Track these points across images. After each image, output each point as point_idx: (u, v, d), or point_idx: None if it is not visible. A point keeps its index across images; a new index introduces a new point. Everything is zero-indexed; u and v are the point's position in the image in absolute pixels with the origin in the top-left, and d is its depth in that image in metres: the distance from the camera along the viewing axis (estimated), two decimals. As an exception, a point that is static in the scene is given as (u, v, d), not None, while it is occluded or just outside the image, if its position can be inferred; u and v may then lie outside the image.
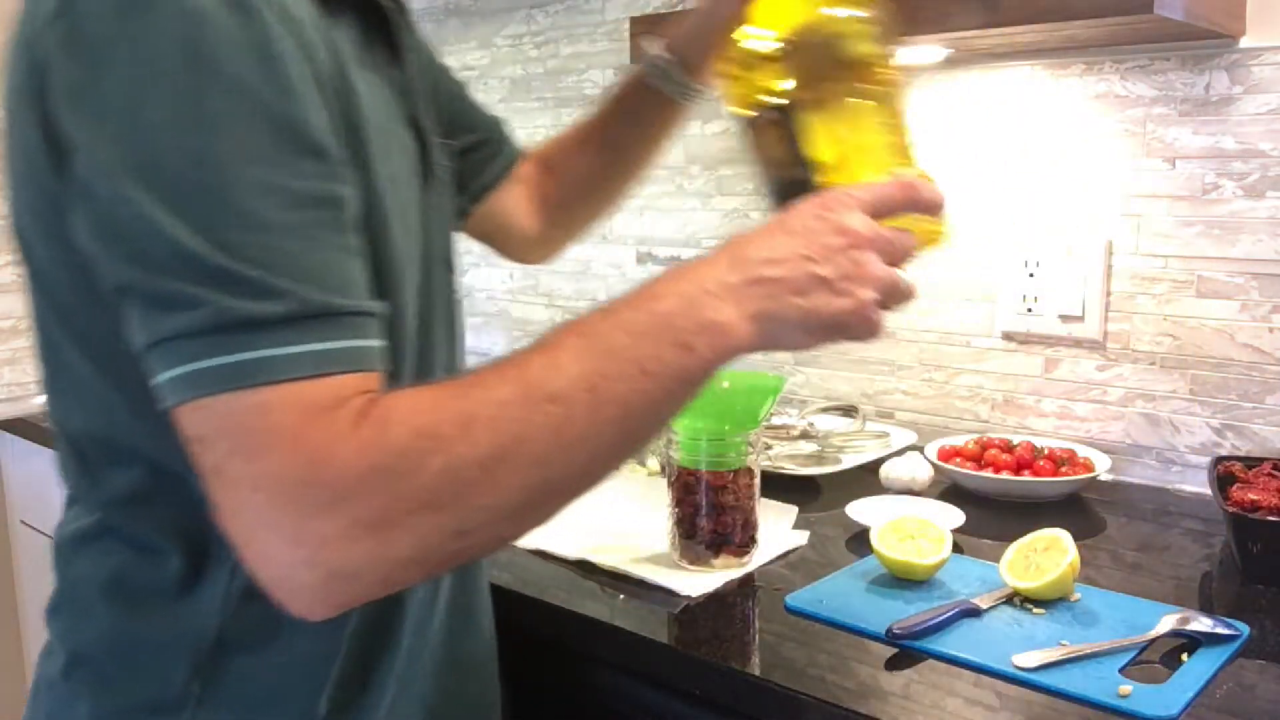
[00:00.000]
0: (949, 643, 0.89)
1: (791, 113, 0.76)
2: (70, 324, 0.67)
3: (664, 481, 1.08)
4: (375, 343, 0.62)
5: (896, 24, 0.78)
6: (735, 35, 0.80)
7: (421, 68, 0.83)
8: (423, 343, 0.76)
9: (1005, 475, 1.29)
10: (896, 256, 0.69)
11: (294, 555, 0.57)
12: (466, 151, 1.02)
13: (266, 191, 0.58)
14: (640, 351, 0.62)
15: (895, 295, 0.69)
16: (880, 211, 0.69)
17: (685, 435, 1.05)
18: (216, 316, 0.56)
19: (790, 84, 0.76)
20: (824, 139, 0.76)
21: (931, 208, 0.72)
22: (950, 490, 1.32)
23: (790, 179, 0.76)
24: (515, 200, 1.09)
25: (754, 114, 0.78)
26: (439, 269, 0.80)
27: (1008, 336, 1.48)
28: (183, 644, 0.70)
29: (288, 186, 0.59)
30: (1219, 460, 1.18)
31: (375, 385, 0.61)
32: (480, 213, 1.06)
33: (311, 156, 0.60)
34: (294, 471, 0.57)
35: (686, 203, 1.80)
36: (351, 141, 0.65)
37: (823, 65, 0.77)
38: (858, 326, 0.67)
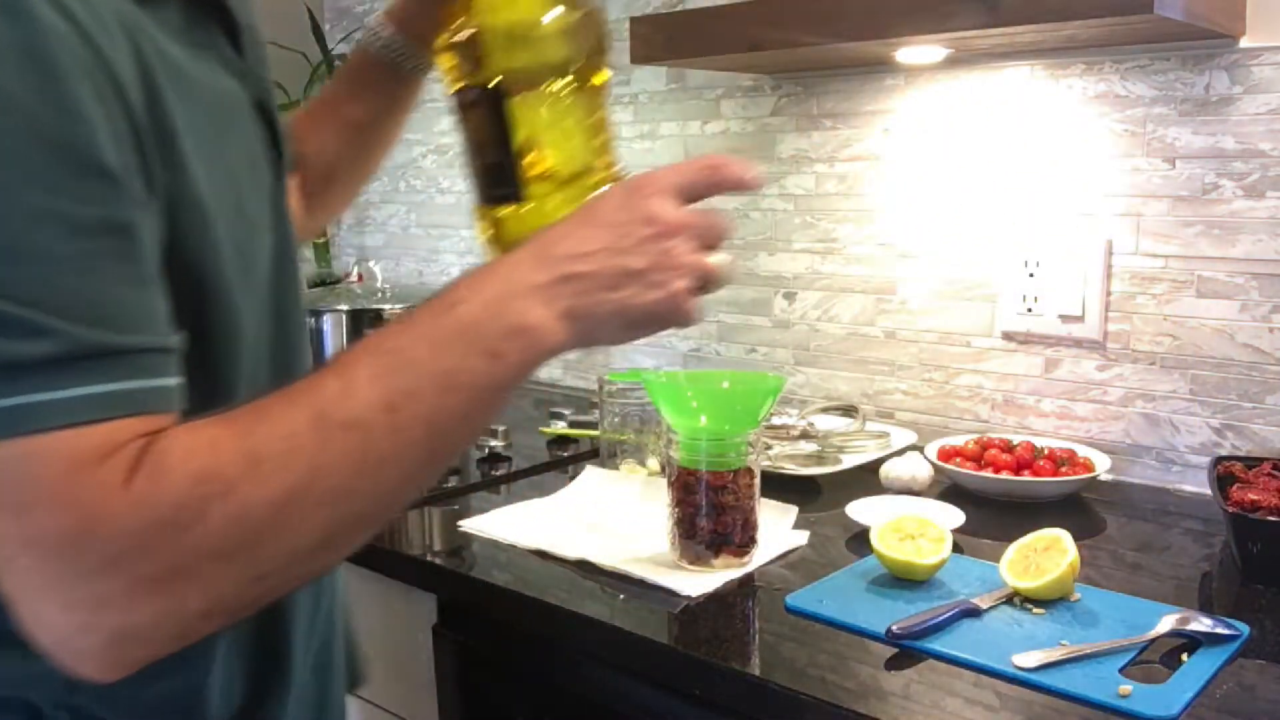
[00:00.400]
0: (949, 643, 0.89)
1: (494, 97, 0.77)
2: None
3: (664, 481, 1.08)
4: (165, 381, 0.56)
5: (605, 24, 0.82)
6: (450, 12, 0.81)
7: (262, 52, 0.77)
8: (281, 344, 0.73)
9: (1005, 475, 1.29)
10: (709, 239, 0.66)
11: (69, 620, 0.53)
12: None
13: (40, 219, 0.52)
14: (444, 364, 0.58)
15: (709, 280, 0.66)
16: (690, 195, 0.66)
17: (685, 435, 1.05)
18: None
19: (495, 68, 0.77)
20: (523, 127, 0.77)
21: (742, 184, 0.68)
22: (950, 490, 1.32)
23: (491, 163, 0.77)
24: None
25: (461, 93, 0.79)
26: (291, 264, 0.76)
27: (1008, 336, 1.48)
28: (40, 684, 0.64)
29: (66, 213, 0.52)
30: (1219, 460, 1.18)
31: (165, 427, 0.55)
32: None
33: (95, 179, 0.54)
34: (63, 530, 0.51)
35: (686, 203, 1.80)
36: (162, 143, 0.59)
37: (527, 55, 0.79)
38: (673, 316, 0.65)
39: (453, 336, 0.59)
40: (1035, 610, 0.95)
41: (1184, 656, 0.86)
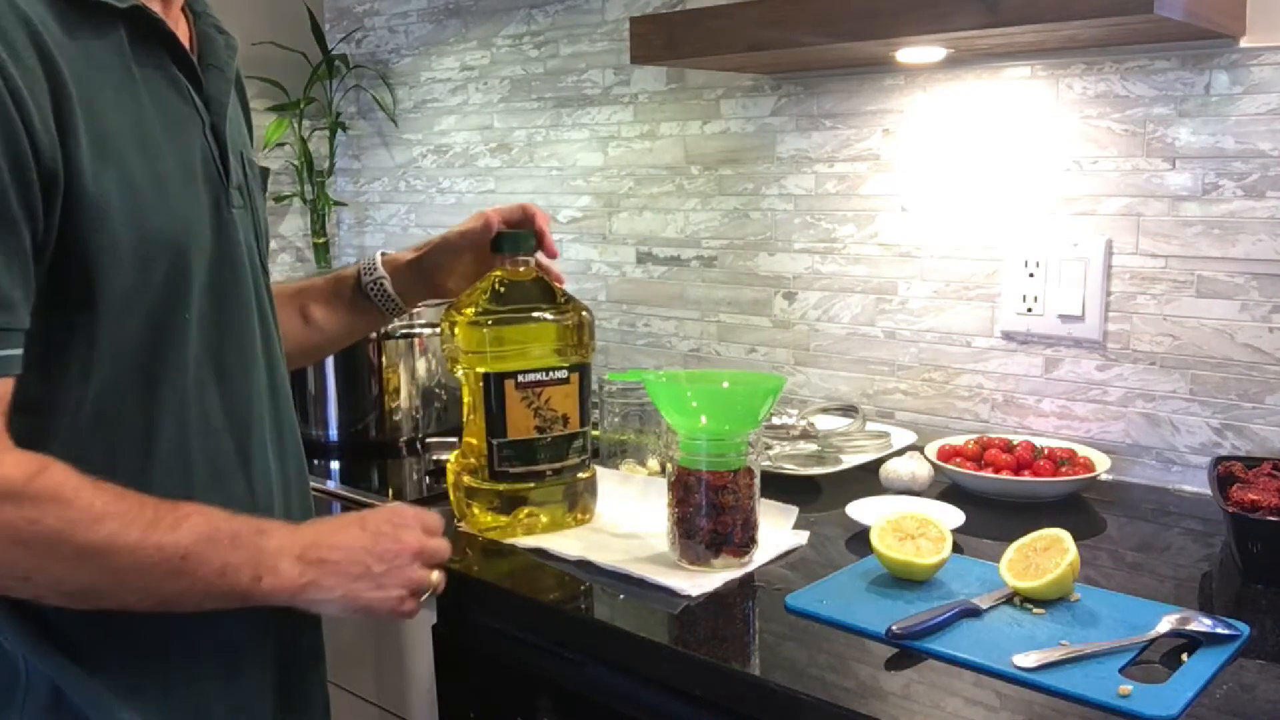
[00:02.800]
0: (949, 643, 0.89)
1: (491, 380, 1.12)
2: None
3: (664, 481, 1.08)
4: (16, 350, 0.74)
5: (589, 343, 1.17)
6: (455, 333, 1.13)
7: (226, 86, 0.90)
8: (223, 341, 0.86)
9: (1005, 475, 1.29)
10: (432, 562, 0.91)
11: None
12: None
13: None
14: (231, 558, 0.78)
15: (421, 593, 0.91)
16: (430, 531, 0.92)
17: (685, 435, 1.05)
18: None
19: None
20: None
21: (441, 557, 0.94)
22: (950, 490, 1.32)
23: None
24: None
25: (460, 370, 1.14)
26: (236, 265, 0.88)
27: (1008, 336, 1.48)
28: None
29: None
30: (1219, 460, 1.18)
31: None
32: None
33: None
34: None
35: (687, 203, 1.80)
36: (64, 151, 0.73)
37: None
38: (387, 612, 0.88)
39: (248, 547, 0.80)
40: (1035, 610, 0.95)
41: (1184, 656, 0.86)
